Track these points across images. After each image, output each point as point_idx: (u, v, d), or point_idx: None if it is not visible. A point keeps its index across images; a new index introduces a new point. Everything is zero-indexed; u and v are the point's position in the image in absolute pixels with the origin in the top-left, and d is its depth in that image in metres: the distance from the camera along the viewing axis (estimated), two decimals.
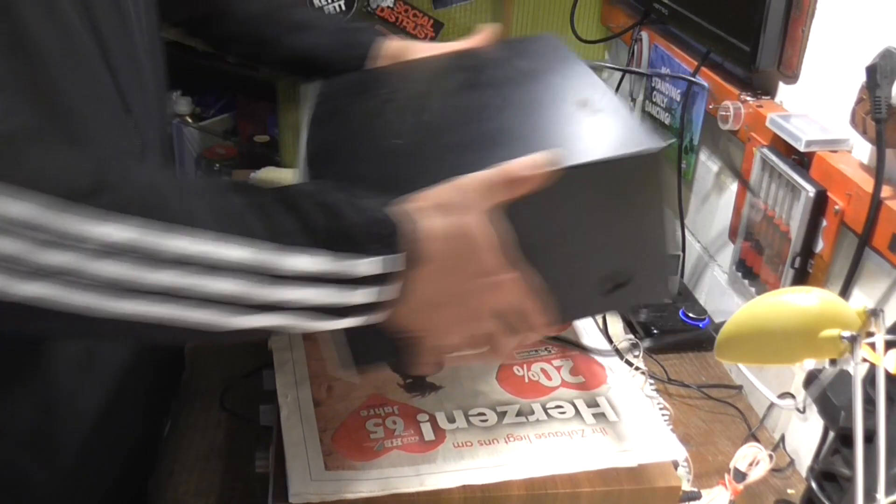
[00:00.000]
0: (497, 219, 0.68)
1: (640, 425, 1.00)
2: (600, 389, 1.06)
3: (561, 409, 1.02)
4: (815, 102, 1.18)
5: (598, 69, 1.76)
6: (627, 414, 1.02)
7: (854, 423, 0.77)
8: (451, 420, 0.99)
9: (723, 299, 1.44)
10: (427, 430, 0.97)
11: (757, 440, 1.19)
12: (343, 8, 1.81)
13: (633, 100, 1.76)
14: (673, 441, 0.98)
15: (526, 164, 0.68)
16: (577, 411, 1.02)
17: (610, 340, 1.23)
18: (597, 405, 1.03)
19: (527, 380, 1.07)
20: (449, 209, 0.65)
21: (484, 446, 0.95)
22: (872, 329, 0.79)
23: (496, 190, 0.67)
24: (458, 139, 0.84)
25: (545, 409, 1.02)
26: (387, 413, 0.99)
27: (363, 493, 0.88)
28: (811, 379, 0.94)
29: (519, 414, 1.00)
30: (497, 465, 0.93)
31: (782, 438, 1.21)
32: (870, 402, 0.79)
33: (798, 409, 1.17)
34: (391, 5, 1.83)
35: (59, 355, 0.74)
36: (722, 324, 0.89)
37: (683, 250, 1.54)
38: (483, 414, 1.00)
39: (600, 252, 0.80)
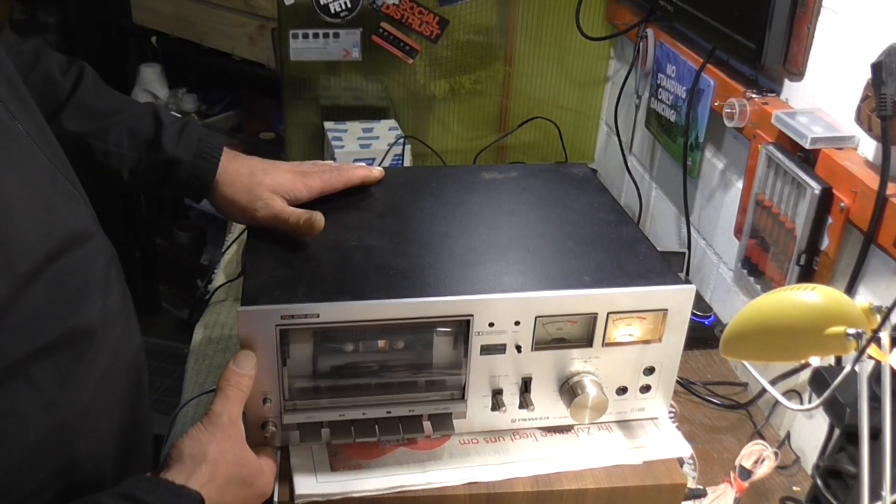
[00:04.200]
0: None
1: (646, 422, 1.00)
2: None
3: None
4: (821, 100, 1.18)
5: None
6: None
7: (860, 421, 0.76)
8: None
9: (728, 297, 1.44)
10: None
11: (762, 438, 1.19)
12: (349, 6, 1.81)
13: (639, 97, 1.76)
14: (678, 438, 0.98)
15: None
16: None
17: None
18: None
19: None
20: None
21: (490, 444, 0.95)
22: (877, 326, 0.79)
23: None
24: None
25: None
26: None
27: (368, 492, 0.88)
28: (817, 376, 0.94)
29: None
30: (503, 463, 0.93)
31: (788, 436, 1.21)
32: (875, 400, 0.79)
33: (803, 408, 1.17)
34: (396, 2, 1.83)
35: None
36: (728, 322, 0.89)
37: (689, 247, 1.54)
38: None
39: None
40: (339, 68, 1.91)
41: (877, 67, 0.98)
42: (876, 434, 0.76)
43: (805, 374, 1.16)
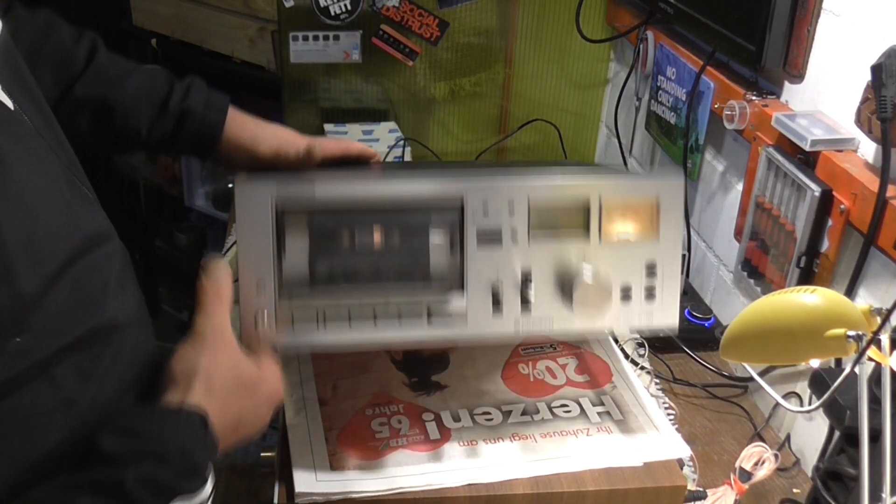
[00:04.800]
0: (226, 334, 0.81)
1: (646, 424, 1.00)
2: (605, 388, 1.06)
3: (566, 408, 1.02)
4: (821, 102, 1.18)
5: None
6: (632, 412, 1.02)
7: (860, 423, 0.76)
8: (457, 419, 0.99)
9: (728, 299, 1.44)
10: (432, 428, 0.97)
11: (762, 440, 1.19)
12: (349, 8, 1.81)
13: (639, 99, 1.76)
14: (678, 440, 0.98)
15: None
16: (583, 410, 1.02)
17: (615, 340, 1.23)
18: (602, 404, 1.03)
19: (532, 378, 1.07)
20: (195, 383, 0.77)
21: (489, 445, 0.95)
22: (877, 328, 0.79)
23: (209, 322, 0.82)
24: None
25: (550, 408, 1.02)
26: (392, 412, 0.99)
27: (368, 493, 0.88)
28: (817, 378, 0.94)
29: (524, 413, 1.01)
30: (502, 464, 0.93)
31: (788, 438, 1.21)
32: (875, 402, 0.79)
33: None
34: (396, 5, 1.83)
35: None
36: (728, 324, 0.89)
37: (689, 250, 1.54)
38: (488, 413, 1.00)
39: None
40: (339, 70, 1.91)
41: (877, 69, 0.98)
42: (876, 436, 0.76)
43: (805, 376, 1.16)
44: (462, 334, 0.92)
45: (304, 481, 0.88)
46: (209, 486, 0.72)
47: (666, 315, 0.97)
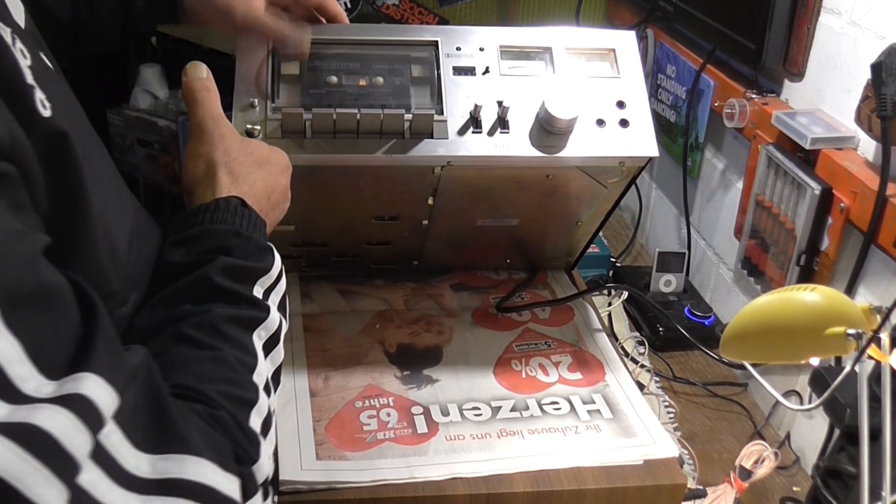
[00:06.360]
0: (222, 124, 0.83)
1: (635, 423, 1.00)
2: (597, 386, 1.06)
3: (556, 406, 1.02)
4: (821, 100, 1.18)
5: None
6: (623, 411, 1.02)
7: (860, 421, 0.76)
8: (445, 413, 0.98)
9: (728, 297, 1.43)
10: (420, 422, 0.97)
11: (762, 438, 1.19)
12: (348, 6, 1.81)
13: None
14: (667, 439, 0.97)
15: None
16: (573, 407, 1.02)
17: (615, 338, 1.23)
18: (592, 402, 1.03)
19: (524, 375, 1.07)
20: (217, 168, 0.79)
21: (476, 440, 0.95)
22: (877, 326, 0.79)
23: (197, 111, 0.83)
24: None
25: (540, 405, 1.01)
26: (382, 405, 0.99)
27: (352, 483, 0.88)
28: (817, 377, 0.94)
29: (513, 409, 1.00)
30: (488, 459, 0.92)
31: (788, 436, 1.21)
32: (875, 400, 0.79)
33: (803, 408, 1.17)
34: (396, 3, 1.83)
35: None
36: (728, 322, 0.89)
37: (689, 248, 1.53)
38: (477, 408, 1.00)
39: None
40: None
41: (876, 68, 0.98)
42: (876, 434, 0.76)
43: (805, 374, 1.16)
44: (445, 152, 0.97)
45: (289, 469, 0.88)
46: (277, 257, 0.75)
47: (644, 145, 1.02)
